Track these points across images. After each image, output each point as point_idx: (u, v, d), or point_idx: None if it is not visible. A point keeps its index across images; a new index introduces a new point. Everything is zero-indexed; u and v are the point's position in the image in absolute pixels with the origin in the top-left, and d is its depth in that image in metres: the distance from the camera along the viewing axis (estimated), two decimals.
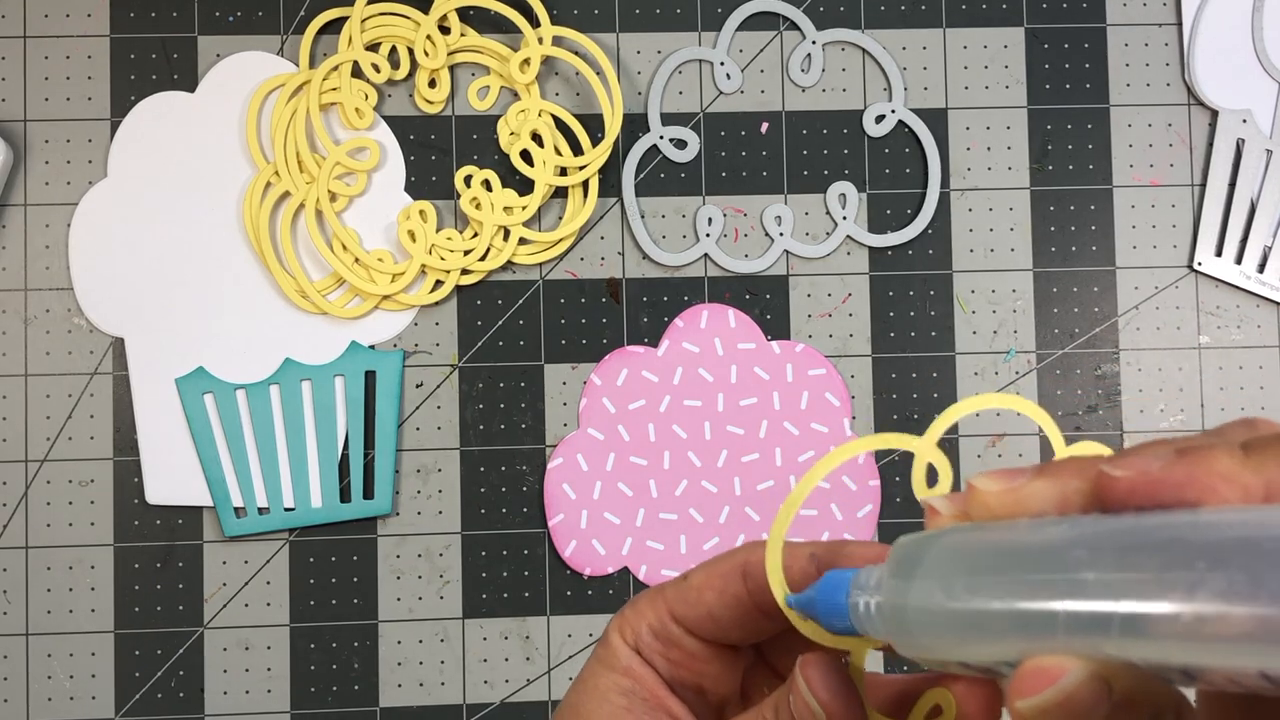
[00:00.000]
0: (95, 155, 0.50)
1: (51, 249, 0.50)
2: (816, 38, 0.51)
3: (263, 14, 0.51)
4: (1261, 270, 0.51)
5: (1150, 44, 0.52)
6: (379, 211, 0.51)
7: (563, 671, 0.50)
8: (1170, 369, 0.51)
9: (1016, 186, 0.52)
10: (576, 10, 0.51)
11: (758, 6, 0.51)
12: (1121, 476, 0.18)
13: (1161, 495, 0.17)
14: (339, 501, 0.49)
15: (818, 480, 0.24)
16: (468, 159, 0.51)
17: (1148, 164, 0.52)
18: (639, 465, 0.50)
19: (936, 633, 0.20)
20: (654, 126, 0.51)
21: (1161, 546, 0.17)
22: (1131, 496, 0.18)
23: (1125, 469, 0.18)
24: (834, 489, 0.50)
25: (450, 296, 0.50)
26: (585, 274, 0.51)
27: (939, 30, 0.52)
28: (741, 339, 0.50)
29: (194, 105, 0.50)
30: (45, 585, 0.49)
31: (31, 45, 0.50)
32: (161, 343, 0.50)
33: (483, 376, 0.50)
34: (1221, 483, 0.17)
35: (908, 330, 0.51)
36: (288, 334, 0.50)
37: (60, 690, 0.49)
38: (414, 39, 0.50)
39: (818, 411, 0.50)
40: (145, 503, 0.49)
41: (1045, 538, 0.18)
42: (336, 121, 0.51)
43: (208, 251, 0.50)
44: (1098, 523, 0.18)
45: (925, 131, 0.51)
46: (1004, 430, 0.51)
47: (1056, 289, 0.51)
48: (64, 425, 0.49)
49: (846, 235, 0.51)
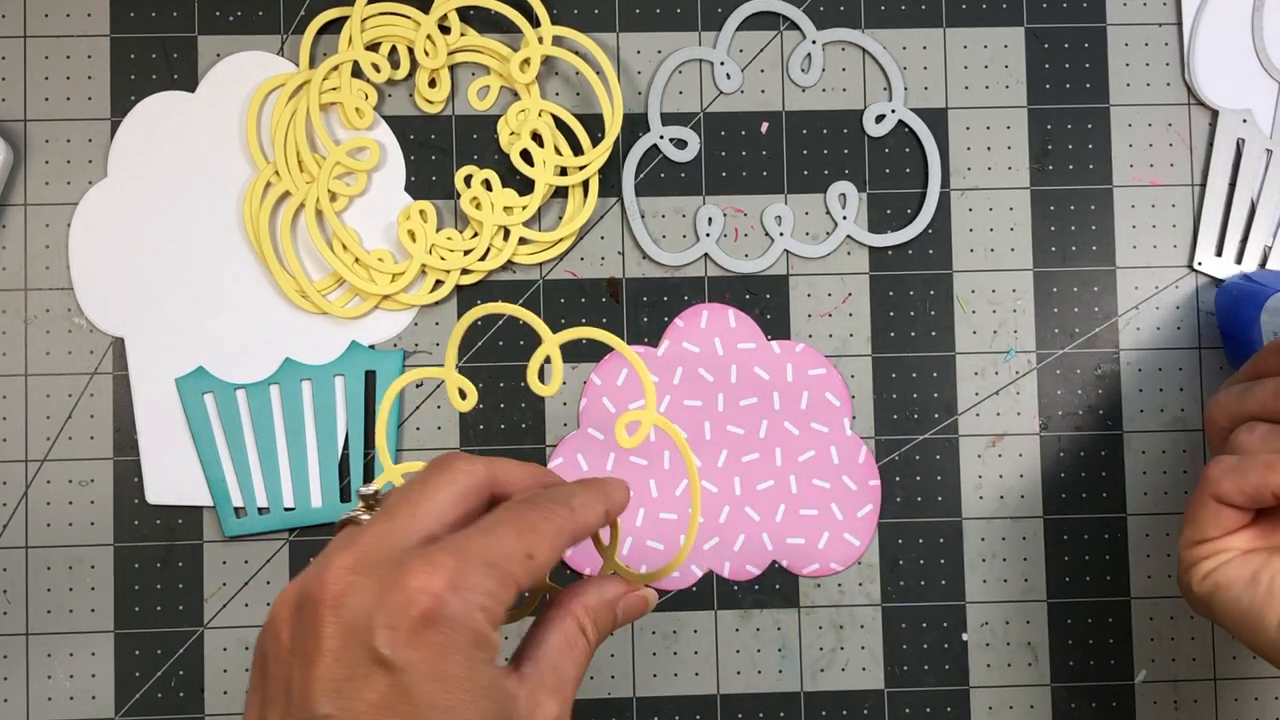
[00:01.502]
0: (95, 155, 0.50)
1: (51, 249, 0.50)
2: (817, 37, 0.51)
3: (263, 14, 0.51)
4: (1262, 269, 0.51)
5: (1150, 44, 0.52)
6: (379, 211, 0.51)
7: None
8: (1170, 369, 0.51)
9: (1016, 186, 0.52)
10: (576, 10, 0.51)
11: (758, 6, 0.51)
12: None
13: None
14: (339, 501, 0.49)
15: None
16: (468, 159, 0.51)
17: (1148, 164, 0.52)
18: (639, 465, 0.50)
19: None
20: (654, 126, 0.51)
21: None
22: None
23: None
24: (834, 489, 0.50)
25: (450, 296, 0.50)
26: (585, 274, 0.51)
27: (939, 30, 0.52)
28: (741, 339, 0.50)
29: (194, 105, 0.50)
30: (45, 585, 0.49)
31: (31, 45, 0.50)
32: (161, 343, 0.50)
33: (483, 376, 0.50)
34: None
35: (908, 330, 0.51)
36: (288, 334, 0.50)
37: (60, 690, 0.49)
38: (414, 39, 0.50)
39: (818, 411, 0.50)
40: (145, 503, 0.49)
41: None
42: (336, 121, 0.51)
43: (208, 251, 0.50)
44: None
45: (925, 131, 0.51)
46: (1004, 430, 0.51)
47: (1056, 289, 0.51)
48: (64, 425, 0.50)
49: (847, 235, 0.51)
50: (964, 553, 0.51)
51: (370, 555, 0.31)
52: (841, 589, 0.50)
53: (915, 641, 0.50)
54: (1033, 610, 0.51)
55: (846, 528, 0.50)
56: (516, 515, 0.33)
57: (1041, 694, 0.51)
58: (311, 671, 0.30)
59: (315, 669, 0.30)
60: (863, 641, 0.50)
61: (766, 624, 0.50)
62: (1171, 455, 0.51)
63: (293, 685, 0.30)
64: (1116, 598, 0.51)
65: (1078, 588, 0.51)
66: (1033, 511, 0.51)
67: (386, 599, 0.30)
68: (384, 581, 0.30)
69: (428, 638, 0.30)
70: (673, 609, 0.50)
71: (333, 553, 0.32)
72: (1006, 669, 0.50)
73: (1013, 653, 0.51)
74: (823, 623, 0.50)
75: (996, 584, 0.51)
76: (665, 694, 0.50)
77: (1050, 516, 0.51)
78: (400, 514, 0.32)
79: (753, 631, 0.50)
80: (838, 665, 0.50)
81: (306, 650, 0.30)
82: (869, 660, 0.50)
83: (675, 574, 0.49)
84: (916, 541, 0.50)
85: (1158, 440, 0.51)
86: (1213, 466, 0.40)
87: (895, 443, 0.51)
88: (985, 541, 0.51)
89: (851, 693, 0.50)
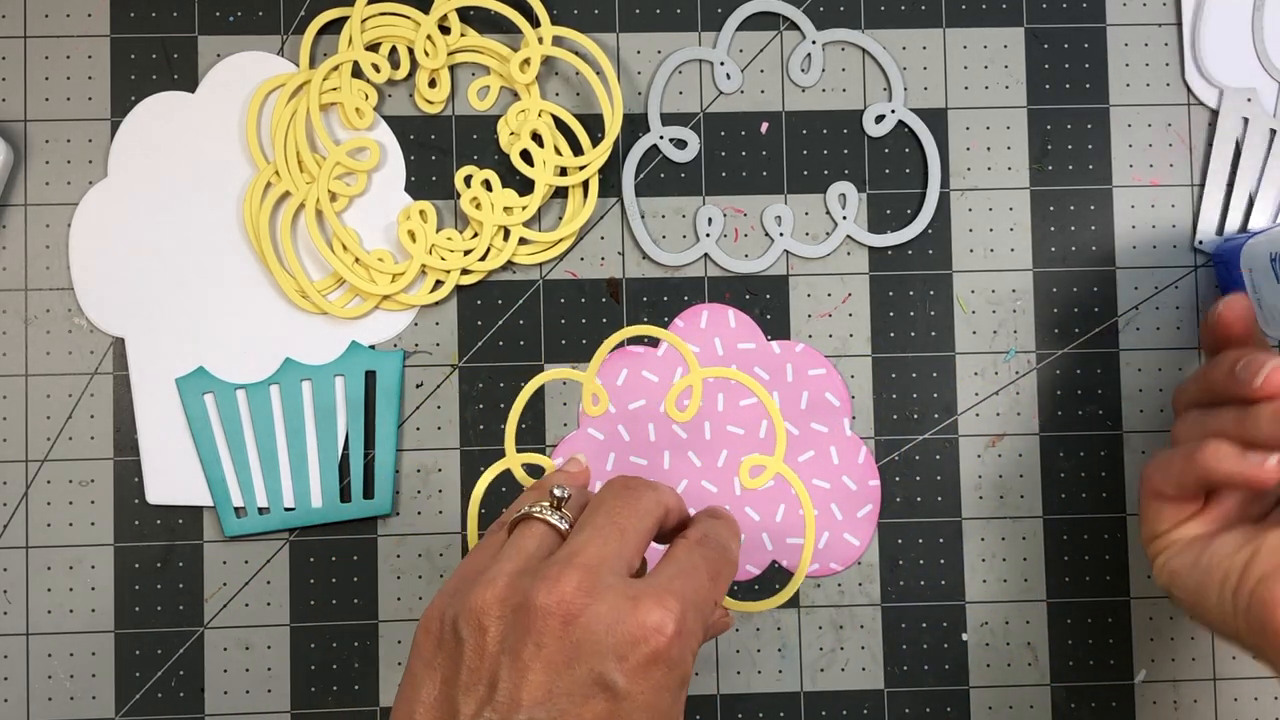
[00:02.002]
0: (95, 155, 0.50)
1: (51, 249, 0.50)
2: (817, 38, 0.51)
3: (263, 14, 0.51)
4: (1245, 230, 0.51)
5: (1150, 44, 0.52)
6: (379, 211, 0.51)
7: None
8: (1170, 369, 0.51)
9: (1016, 186, 0.52)
10: (576, 10, 0.51)
11: (758, 6, 0.51)
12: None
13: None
14: (339, 501, 0.49)
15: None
16: (468, 159, 0.51)
17: (1147, 164, 0.52)
18: (639, 465, 0.50)
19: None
20: (654, 126, 0.51)
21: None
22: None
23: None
24: (834, 489, 0.50)
25: (450, 296, 0.51)
26: (585, 274, 0.51)
27: (939, 30, 0.52)
28: (741, 339, 0.50)
29: (194, 105, 0.50)
30: (45, 585, 0.49)
31: (31, 45, 0.50)
32: (161, 343, 0.50)
33: (483, 376, 0.50)
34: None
35: (908, 330, 0.51)
36: (288, 334, 0.50)
37: (60, 690, 0.49)
38: (414, 39, 0.50)
39: (818, 411, 0.50)
40: (145, 503, 0.49)
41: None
42: (336, 121, 0.51)
43: (208, 252, 0.50)
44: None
45: (925, 131, 0.51)
46: (1003, 430, 0.51)
47: (1056, 289, 0.51)
48: (64, 425, 0.50)
49: (847, 235, 0.51)
50: (964, 553, 0.51)
51: (598, 580, 0.34)
52: (841, 589, 0.50)
53: (915, 641, 0.50)
54: (1032, 610, 0.51)
55: (846, 528, 0.50)
56: (708, 562, 0.37)
57: (1041, 694, 0.51)
58: (526, 675, 0.33)
59: (531, 673, 0.33)
60: (863, 641, 0.50)
61: (766, 624, 0.50)
62: None
63: (498, 680, 0.33)
64: (1116, 598, 0.51)
65: (1077, 588, 0.51)
66: (1033, 511, 0.51)
67: (620, 630, 0.33)
68: (618, 611, 0.33)
69: (652, 673, 0.33)
70: None
71: (556, 564, 0.34)
72: (1006, 669, 0.51)
73: (1012, 653, 0.51)
74: (823, 623, 0.50)
75: (996, 584, 0.51)
76: None
77: (1050, 516, 0.51)
78: (614, 540, 0.35)
79: (752, 631, 0.50)
80: (838, 665, 0.50)
81: (522, 654, 0.33)
82: (869, 660, 0.50)
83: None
84: (916, 541, 0.50)
85: (1158, 440, 0.51)
86: (1148, 464, 0.43)
87: (895, 443, 0.51)
88: (985, 541, 0.51)
89: (851, 693, 0.50)
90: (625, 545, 0.36)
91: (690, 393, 0.45)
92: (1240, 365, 0.40)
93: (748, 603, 0.45)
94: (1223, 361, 0.41)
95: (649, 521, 0.37)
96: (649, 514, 0.37)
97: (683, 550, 0.37)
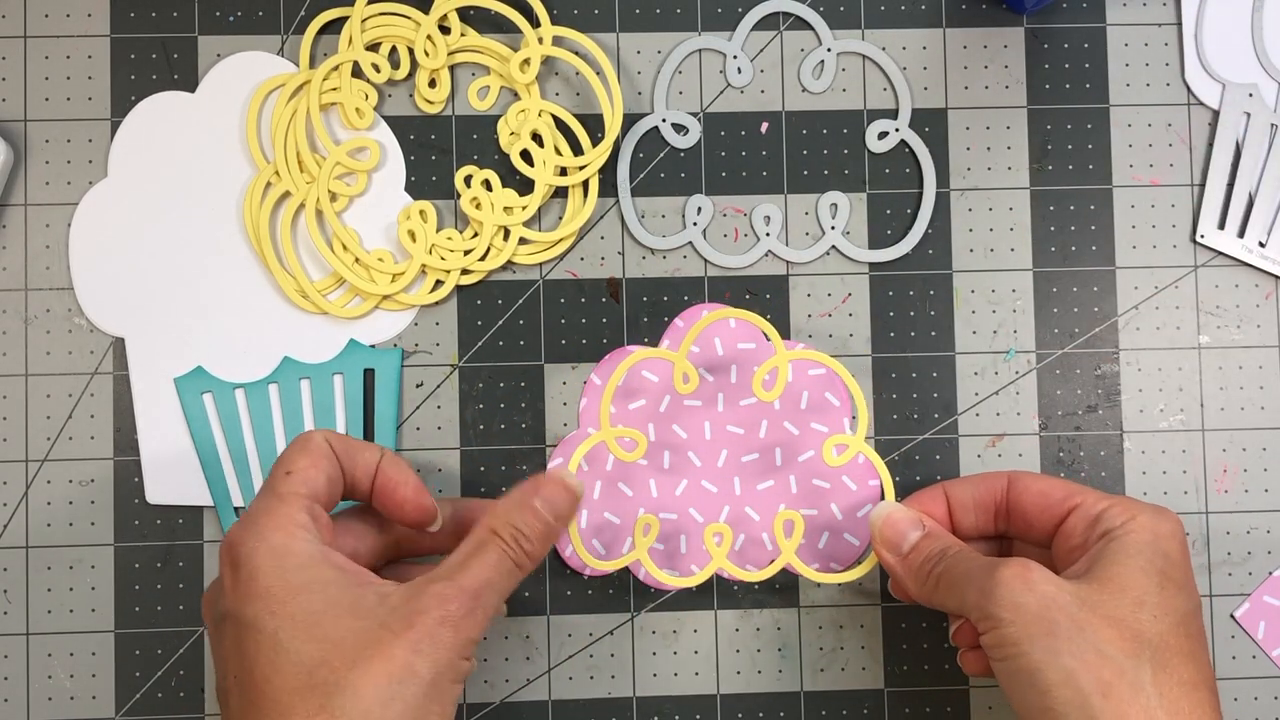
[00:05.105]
0: (95, 155, 0.50)
1: (51, 249, 0.50)
2: (832, 45, 0.51)
3: (263, 14, 0.51)
4: (1264, 246, 0.51)
5: (1150, 44, 0.52)
6: (379, 211, 0.51)
7: (563, 671, 0.50)
8: (1170, 369, 0.51)
9: (1016, 186, 0.52)
10: (576, 10, 0.51)
11: (772, 8, 0.51)
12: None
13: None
14: None
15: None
16: (468, 159, 0.51)
17: (1147, 164, 0.52)
18: (639, 465, 0.50)
19: None
20: (657, 108, 0.51)
21: None
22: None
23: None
24: (834, 489, 0.50)
25: (450, 296, 0.51)
26: (585, 274, 0.51)
27: (939, 30, 0.52)
28: (741, 339, 0.50)
29: (194, 105, 0.50)
30: (45, 585, 0.49)
31: (31, 45, 0.50)
32: (161, 343, 0.50)
33: (483, 376, 0.50)
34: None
35: (908, 330, 0.51)
36: (287, 334, 0.50)
37: (60, 690, 0.49)
38: (414, 39, 0.50)
39: (818, 411, 0.50)
40: (145, 503, 0.49)
41: None
42: (336, 121, 0.51)
43: (208, 251, 0.50)
44: None
45: (924, 151, 0.51)
46: (1003, 430, 0.51)
47: (1056, 289, 0.51)
48: (64, 425, 0.50)
49: (832, 245, 0.51)
50: None
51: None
52: (841, 589, 0.50)
53: (915, 641, 0.50)
54: None
55: (846, 528, 0.50)
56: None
57: None
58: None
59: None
60: (863, 641, 0.50)
61: (766, 624, 0.50)
62: (1171, 455, 0.51)
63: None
64: None
65: None
66: None
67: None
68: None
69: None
70: (673, 609, 0.50)
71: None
72: None
73: None
74: (823, 623, 0.50)
75: None
76: (665, 694, 0.50)
77: None
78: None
79: (753, 631, 0.50)
80: (838, 665, 0.50)
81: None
82: (869, 660, 0.50)
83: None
84: None
85: (1158, 440, 0.51)
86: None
87: (895, 443, 0.51)
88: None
89: (851, 693, 0.50)
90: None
91: (776, 373, 0.48)
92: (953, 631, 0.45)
93: (829, 575, 0.47)
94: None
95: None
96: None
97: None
